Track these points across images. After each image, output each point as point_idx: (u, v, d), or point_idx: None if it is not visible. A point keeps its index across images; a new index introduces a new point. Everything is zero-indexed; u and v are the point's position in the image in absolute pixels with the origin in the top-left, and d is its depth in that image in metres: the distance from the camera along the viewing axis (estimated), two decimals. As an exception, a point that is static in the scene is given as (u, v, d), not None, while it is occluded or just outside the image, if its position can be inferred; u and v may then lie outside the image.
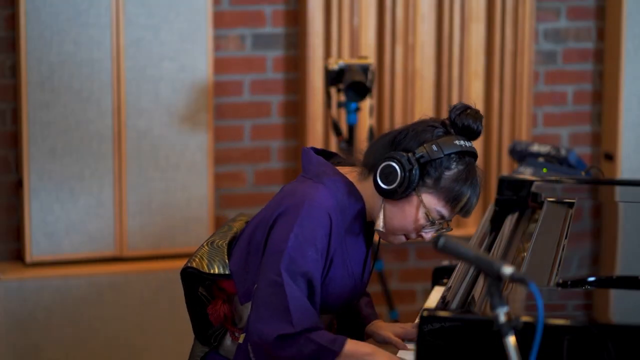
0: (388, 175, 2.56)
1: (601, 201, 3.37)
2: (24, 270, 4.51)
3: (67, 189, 4.50)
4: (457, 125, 2.60)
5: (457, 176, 2.57)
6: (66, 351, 4.48)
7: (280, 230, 2.57)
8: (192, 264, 2.72)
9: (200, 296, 2.77)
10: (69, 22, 4.44)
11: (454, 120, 2.61)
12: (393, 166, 2.55)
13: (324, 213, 2.57)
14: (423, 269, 5.05)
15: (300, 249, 2.54)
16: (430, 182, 2.57)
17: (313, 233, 2.55)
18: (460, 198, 2.58)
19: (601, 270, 2.67)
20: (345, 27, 4.82)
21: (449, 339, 2.18)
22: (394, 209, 2.60)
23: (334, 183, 2.63)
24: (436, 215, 2.59)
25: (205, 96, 4.61)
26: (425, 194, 2.58)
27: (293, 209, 2.57)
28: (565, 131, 5.25)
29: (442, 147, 2.55)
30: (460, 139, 2.58)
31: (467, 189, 2.57)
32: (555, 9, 5.16)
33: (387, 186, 2.56)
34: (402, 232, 2.63)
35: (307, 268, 2.55)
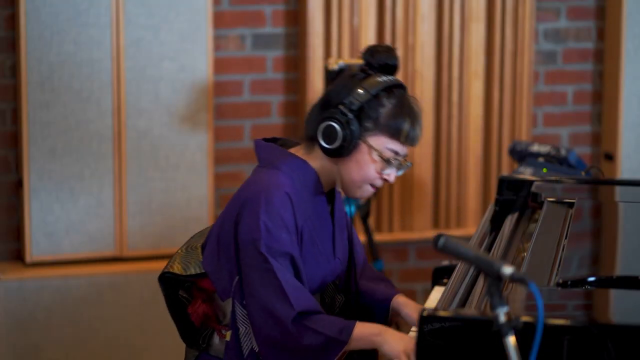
0: (329, 135, 2.60)
1: (601, 201, 3.37)
2: (24, 270, 4.51)
3: (67, 189, 4.50)
4: (374, 66, 2.65)
5: (393, 110, 2.62)
6: (66, 351, 4.49)
7: (248, 222, 2.59)
8: (168, 269, 2.76)
9: (181, 299, 2.80)
10: (69, 22, 4.44)
11: (369, 62, 2.65)
12: (331, 125, 2.60)
13: (283, 195, 2.60)
14: (423, 269, 5.05)
15: (272, 234, 2.56)
16: (370, 125, 2.61)
17: (279, 216, 2.58)
18: (402, 128, 2.62)
19: (601, 270, 2.67)
20: (345, 27, 4.82)
21: (449, 339, 2.18)
22: (349, 164, 2.64)
23: (286, 165, 2.66)
24: (389, 153, 2.63)
25: (205, 96, 4.61)
26: (370, 137, 2.62)
27: (254, 200, 2.60)
28: (565, 131, 5.25)
29: (368, 89, 2.60)
30: (381, 76, 2.63)
31: (406, 118, 2.62)
32: (555, 9, 5.16)
33: (332, 145, 2.61)
34: (366, 182, 2.66)
35: (285, 249, 2.58)
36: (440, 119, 5.00)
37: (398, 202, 5.00)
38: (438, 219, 5.08)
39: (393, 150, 2.64)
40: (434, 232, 5.02)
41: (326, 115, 2.61)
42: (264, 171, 2.67)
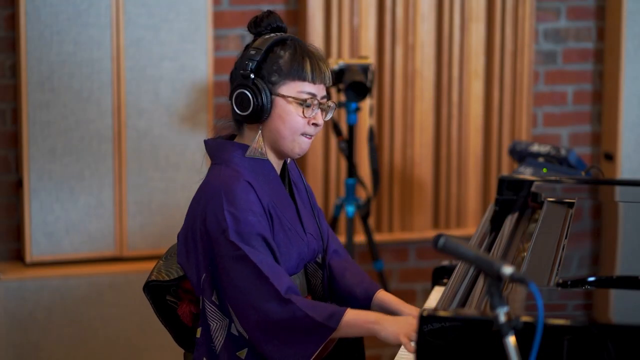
0: (242, 103, 2.68)
1: (601, 201, 3.37)
2: (24, 270, 4.51)
3: (67, 189, 4.50)
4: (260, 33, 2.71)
5: (290, 56, 2.67)
6: (66, 351, 4.49)
7: (214, 216, 2.62)
8: (151, 277, 2.81)
9: (169, 304, 2.83)
10: (69, 22, 4.44)
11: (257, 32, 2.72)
12: (239, 92, 2.68)
13: (242, 183, 2.63)
14: (423, 269, 5.05)
15: (239, 220, 2.59)
16: (275, 78, 2.67)
17: (243, 202, 2.61)
18: (305, 68, 2.66)
19: (601, 270, 2.67)
20: (345, 27, 4.82)
21: (449, 339, 2.18)
22: (273, 123, 2.68)
23: (233, 154, 2.70)
24: (304, 95, 2.67)
25: (205, 96, 4.61)
26: (280, 88, 2.67)
27: (215, 195, 2.63)
28: (565, 131, 5.25)
29: (259, 47, 2.67)
30: (269, 34, 2.70)
31: (305, 58, 2.67)
32: (555, 9, 5.16)
33: (249, 111, 2.67)
34: (297, 133, 2.69)
35: (255, 230, 2.60)
36: (440, 119, 5.00)
37: (398, 202, 5.01)
38: (438, 219, 5.08)
39: (307, 92, 2.67)
40: (434, 232, 5.02)
41: (232, 88, 2.69)
42: (217, 167, 2.71)
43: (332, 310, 2.58)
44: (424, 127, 4.98)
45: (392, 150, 4.95)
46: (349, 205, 4.57)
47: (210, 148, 2.78)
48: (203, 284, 2.65)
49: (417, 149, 4.98)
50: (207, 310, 2.66)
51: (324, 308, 2.59)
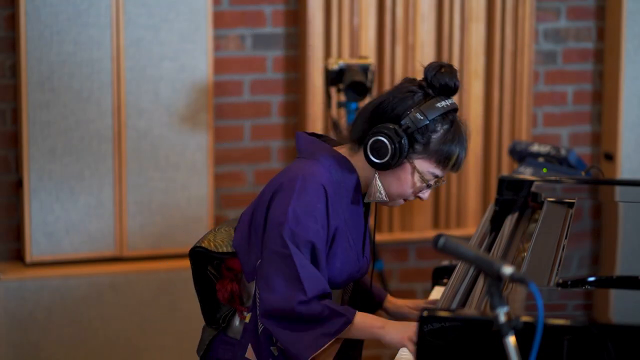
0: (379, 150, 2.63)
1: (601, 201, 3.37)
2: (24, 270, 4.51)
3: (67, 189, 4.50)
4: (435, 86, 2.66)
5: (444, 137, 2.65)
6: (66, 351, 4.48)
7: (279, 205, 2.62)
8: (200, 244, 2.78)
9: (209, 275, 2.82)
10: (69, 22, 4.44)
11: (431, 81, 2.66)
12: (382, 140, 2.62)
13: (319, 186, 2.63)
14: (423, 269, 5.05)
15: (300, 220, 2.60)
16: (419, 148, 2.64)
17: (310, 205, 2.61)
18: (451, 157, 2.66)
19: (601, 270, 2.67)
20: (345, 27, 4.82)
21: (449, 339, 2.18)
22: (389, 177, 2.68)
23: (327, 159, 2.69)
24: (430, 177, 2.67)
25: (205, 96, 4.61)
26: (417, 159, 2.65)
27: (288, 185, 2.63)
28: (565, 131, 5.25)
29: (426, 113, 2.62)
30: (440, 100, 2.65)
31: (456, 146, 2.66)
32: (555, 9, 5.16)
33: (379, 160, 2.64)
34: (401, 198, 2.71)
35: (309, 237, 2.60)
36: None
37: (398, 202, 5.00)
38: (438, 219, 5.08)
39: (435, 174, 2.68)
40: (434, 232, 5.02)
41: (379, 130, 2.63)
42: (303, 161, 2.71)
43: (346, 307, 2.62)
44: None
45: (392, 150, 4.95)
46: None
47: (304, 141, 2.76)
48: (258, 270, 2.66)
49: (417, 149, 4.98)
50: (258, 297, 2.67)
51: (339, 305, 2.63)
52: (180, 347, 4.57)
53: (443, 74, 2.66)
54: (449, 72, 2.66)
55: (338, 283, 2.72)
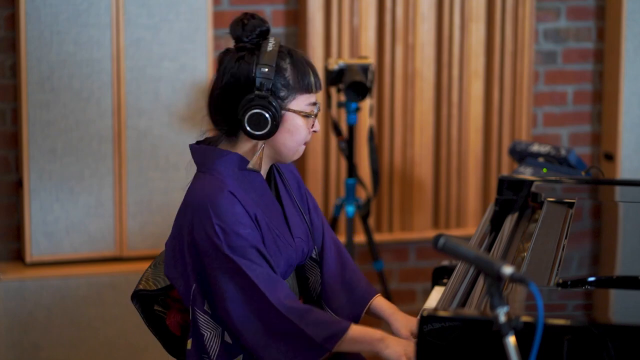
0: (258, 122, 2.63)
1: (601, 201, 3.37)
2: (24, 270, 4.51)
3: (67, 189, 4.50)
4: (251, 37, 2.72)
5: (294, 69, 2.69)
6: (66, 351, 4.49)
7: (203, 230, 2.61)
8: (139, 286, 2.81)
9: (157, 313, 2.85)
10: (69, 22, 4.44)
11: (244, 37, 2.73)
12: (255, 113, 2.63)
13: (226, 194, 2.61)
14: (423, 269, 5.05)
15: (230, 233, 2.59)
16: (284, 93, 2.66)
17: (231, 215, 2.60)
18: (310, 81, 2.71)
19: (601, 270, 2.67)
20: (345, 27, 4.82)
21: (449, 339, 2.18)
22: (280, 136, 2.67)
23: (220, 163, 2.67)
24: (310, 108, 2.70)
25: (205, 96, 4.60)
26: (290, 103, 2.67)
27: (201, 207, 2.62)
28: (565, 131, 5.25)
29: (269, 63, 2.65)
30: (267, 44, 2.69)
31: (307, 69, 2.71)
32: (555, 9, 5.16)
33: (263, 130, 2.63)
34: (301, 144, 2.71)
35: (248, 242, 2.59)
36: (440, 119, 5.00)
37: (398, 202, 5.01)
38: (438, 219, 5.08)
39: (311, 103, 2.71)
40: (434, 232, 5.02)
41: (245, 106, 2.62)
42: (201, 176, 2.70)
43: (333, 330, 2.57)
44: (424, 127, 4.98)
45: (392, 150, 4.95)
46: (349, 205, 4.57)
47: (195, 154, 2.76)
48: (194, 295, 2.64)
49: (417, 149, 4.98)
50: (200, 320, 2.64)
51: (324, 326, 2.58)
52: (180, 347, 4.56)
53: (249, 23, 2.72)
54: (252, 17, 2.73)
55: (283, 272, 2.71)
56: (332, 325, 2.59)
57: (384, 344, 2.58)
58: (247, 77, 2.65)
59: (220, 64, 2.72)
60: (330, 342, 2.55)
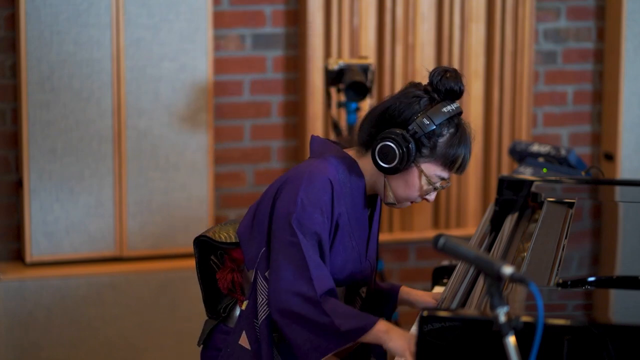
0: (387, 155, 2.67)
1: (601, 201, 3.37)
2: (24, 270, 4.51)
3: (67, 189, 4.50)
4: (440, 90, 2.69)
5: (451, 141, 2.68)
6: (66, 351, 4.48)
7: (287, 196, 2.66)
8: (204, 233, 2.83)
9: (212, 265, 2.86)
10: (69, 22, 4.44)
11: (437, 85, 2.69)
12: (390, 145, 2.66)
13: (325, 179, 2.67)
14: (423, 269, 5.05)
15: (307, 211, 2.63)
16: (426, 152, 2.68)
17: (317, 197, 2.65)
18: (457, 159, 2.70)
19: (601, 270, 2.67)
20: (345, 27, 4.82)
21: (449, 339, 2.18)
22: (397, 181, 2.71)
23: (335, 159, 2.73)
24: (437, 179, 2.71)
25: (205, 96, 4.61)
26: (424, 163, 2.69)
27: (296, 179, 2.68)
28: (565, 131, 5.25)
29: (433, 118, 2.66)
30: (446, 105, 2.68)
31: (462, 149, 2.70)
32: (555, 9, 5.16)
33: (387, 164, 2.67)
34: (408, 201, 2.76)
35: (315, 228, 2.64)
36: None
37: (398, 202, 5.00)
38: (438, 219, 5.08)
39: (441, 177, 2.71)
40: (434, 232, 5.02)
41: (387, 135, 2.66)
42: (312, 160, 2.76)
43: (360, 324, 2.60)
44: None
45: (392, 150, 4.95)
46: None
47: (315, 143, 2.81)
48: (261, 258, 2.69)
49: (417, 149, 4.97)
50: (259, 284, 2.69)
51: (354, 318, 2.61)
52: (180, 347, 4.56)
53: (448, 78, 2.69)
54: (454, 77, 2.70)
55: (339, 280, 2.74)
56: (361, 318, 2.62)
57: (388, 336, 2.60)
58: (410, 114, 2.67)
59: (404, 88, 2.74)
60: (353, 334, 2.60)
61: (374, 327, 2.60)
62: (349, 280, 2.78)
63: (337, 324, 2.58)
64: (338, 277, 2.73)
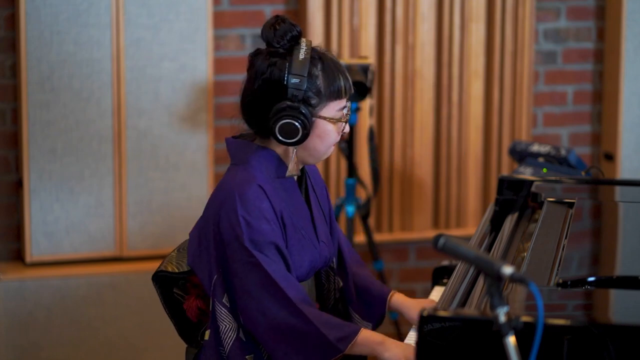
0: (289, 131, 2.65)
1: (601, 201, 3.37)
2: (24, 270, 4.51)
3: (67, 189, 4.50)
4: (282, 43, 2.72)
5: (325, 76, 2.70)
6: (66, 351, 4.48)
7: (228, 220, 2.63)
8: (162, 268, 2.83)
9: (176, 296, 2.85)
10: (69, 22, 4.44)
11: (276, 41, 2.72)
12: (286, 122, 2.65)
13: (256, 188, 2.65)
14: (423, 269, 5.05)
15: (253, 227, 2.61)
16: (315, 101, 2.68)
17: (256, 208, 2.63)
18: (340, 87, 2.72)
19: (601, 270, 2.67)
20: (345, 27, 4.82)
21: (449, 339, 2.18)
22: (312, 142, 2.70)
23: (254, 158, 2.72)
24: (340, 113, 2.72)
25: (205, 96, 4.61)
26: (321, 110, 2.69)
27: (229, 198, 2.65)
28: (565, 131, 5.25)
29: (300, 72, 2.66)
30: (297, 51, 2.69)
31: (338, 76, 2.72)
32: (555, 9, 5.16)
33: (294, 138, 2.65)
34: (330, 147, 2.75)
35: (268, 238, 2.62)
36: (440, 119, 5.00)
37: (398, 202, 5.01)
38: (438, 219, 5.08)
39: (341, 108, 2.72)
40: (434, 232, 5.02)
41: (276, 115, 2.64)
42: (234, 169, 2.74)
43: (346, 332, 2.60)
44: (424, 127, 4.97)
45: (392, 150, 4.95)
46: (349, 205, 4.57)
47: (230, 147, 2.81)
48: (214, 285, 2.66)
49: (417, 149, 4.98)
50: (217, 312, 2.66)
51: (338, 327, 2.60)
52: (180, 347, 4.55)
53: (280, 27, 2.71)
54: (282, 22, 2.72)
55: (302, 275, 2.72)
56: (344, 327, 2.61)
57: (383, 347, 2.59)
58: (279, 84, 2.66)
59: (252, 66, 2.74)
60: (343, 343, 2.58)
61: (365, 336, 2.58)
62: (311, 271, 2.76)
63: (324, 332, 2.57)
64: (300, 272, 2.71)
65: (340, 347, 2.57)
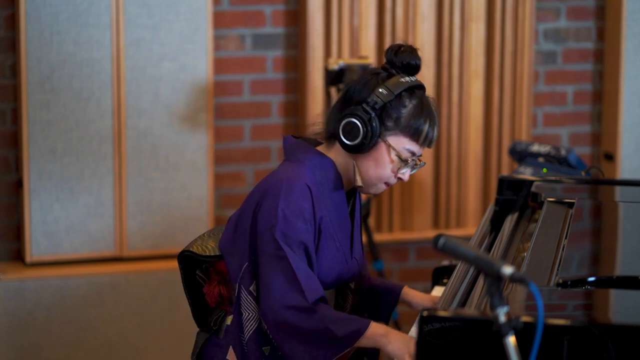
0: (350, 131, 2.64)
1: (601, 201, 3.37)
2: (24, 270, 4.51)
3: (67, 189, 4.50)
4: (397, 65, 2.68)
5: (414, 111, 2.65)
6: (66, 351, 4.48)
7: (267, 208, 2.64)
8: (188, 248, 2.82)
9: (197, 279, 2.84)
10: (69, 22, 4.44)
11: (392, 60, 2.69)
12: (352, 121, 2.64)
13: (303, 186, 2.65)
14: (423, 269, 5.05)
15: (289, 221, 2.61)
16: (390, 124, 2.65)
17: (298, 206, 2.63)
18: (422, 130, 2.66)
19: (601, 270, 2.67)
20: (345, 27, 4.82)
21: (449, 339, 2.18)
22: (367, 161, 2.69)
23: (310, 160, 2.71)
24: (406, 153, 2.68)
25: (205, 96, 4.61)
26: (390, 137, 2.66)
27: (274, 189, 2.65)
28: (565, 131, 5.25)
29: (391, 89, 2.64)
30: (404, 77, 2.67)
31: (426, 120, 2.66)
32: (555, 9, 5.16)
33: (352, 142, 2.65)
34: (381, 181, 2.71)
35: (300, 238, 2.63)
36: (440, 119, 5.00)
37: (398, 202, 5.01)
38: (438, 219, 5.08)
39: (411, 150, 2.68)
40: (434, 232, 5.02)
41: (348, 112, 2.65)
42: (288, 164, 2.73)
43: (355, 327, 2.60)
44: (424, 127, 4.97)
45: (392, 150, 4.95)
46: (349, 205, 4.57)
47: (288, 144, 2.78)
48: (244, 273, 2.68)
49: (417, 149, 4.97)
50: (242, 299, 2.68)
51: (347, 323, 2.61)
52: (180, 347, 4.56)
53: (403, 52, 2.68)
54: (410, 51, 2.69)
55: (327, 283, 2.73)
56: (353, 321, 2.62)
57: (387, 339, 2.59)
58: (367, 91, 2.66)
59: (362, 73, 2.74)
60: (351, 338, 2.58)
61: (370, 330, 2.59)
62: (337, 282, 2.77)
63: (332, 329, 2.57)
64: (326, 280, 2.71)
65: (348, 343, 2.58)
